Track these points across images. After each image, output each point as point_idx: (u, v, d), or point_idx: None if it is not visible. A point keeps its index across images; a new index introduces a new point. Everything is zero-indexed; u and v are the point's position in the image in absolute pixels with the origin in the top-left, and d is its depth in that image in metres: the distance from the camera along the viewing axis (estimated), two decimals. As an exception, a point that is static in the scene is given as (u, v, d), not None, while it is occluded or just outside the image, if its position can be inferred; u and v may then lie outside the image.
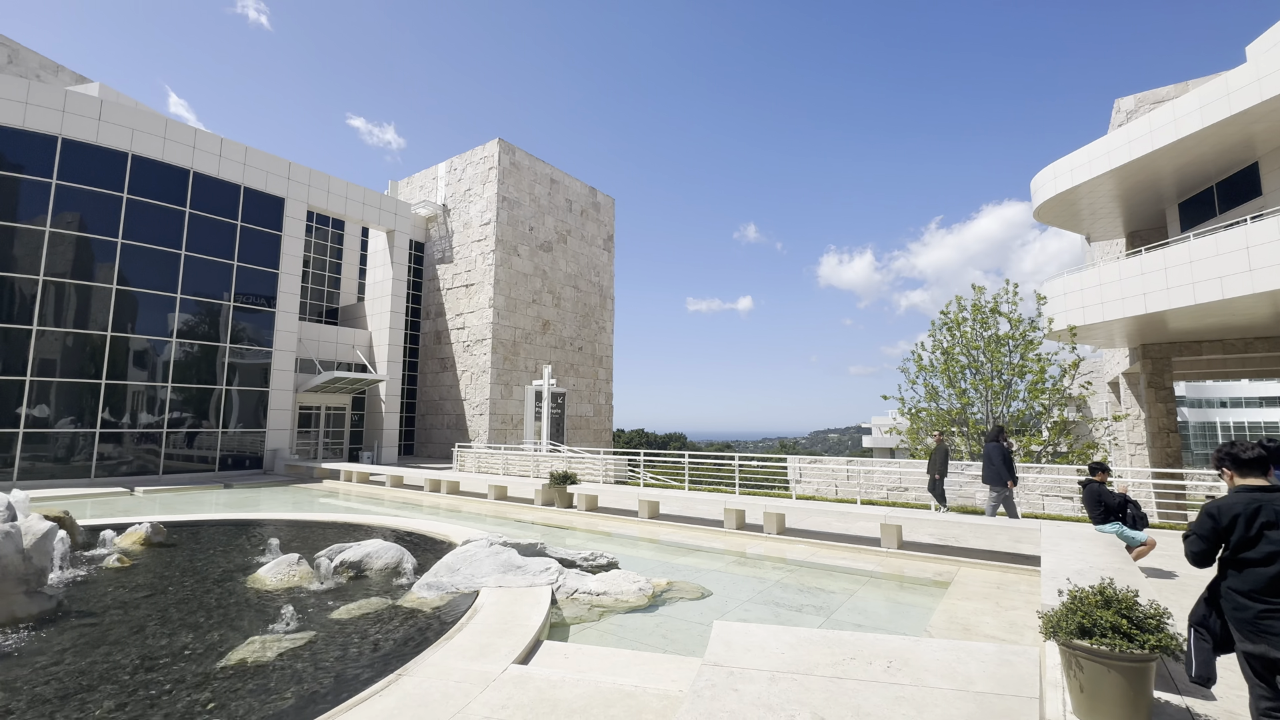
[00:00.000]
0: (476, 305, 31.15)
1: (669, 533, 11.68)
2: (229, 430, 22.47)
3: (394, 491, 17.93)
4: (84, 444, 19.29)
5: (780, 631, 4.22)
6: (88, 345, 19.44)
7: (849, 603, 7.19)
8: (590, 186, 37.92)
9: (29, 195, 18.68)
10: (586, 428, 36.08)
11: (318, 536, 10.11)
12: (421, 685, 4.23)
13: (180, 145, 21.43)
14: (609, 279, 38.84)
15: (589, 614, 6.49)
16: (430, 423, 32.62)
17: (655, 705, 3.99)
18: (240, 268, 22.80)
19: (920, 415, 19.75)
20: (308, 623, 5.70)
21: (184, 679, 4.51)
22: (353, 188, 27.32)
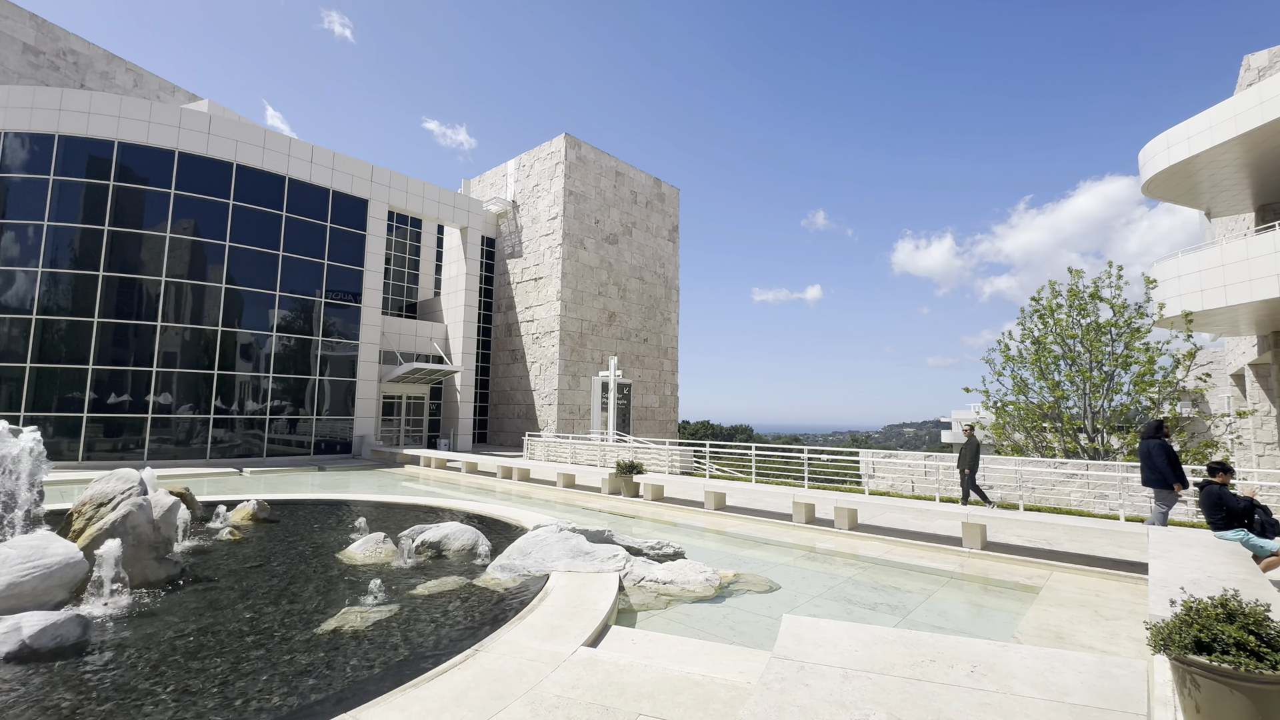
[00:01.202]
0: (545, 298, 31.91)
1: (735, 525, 11.57)
2: (321, 417, 24.23)
3: (469, 477, 18.76)
4: (200, 428, 21.39)
5: (854, 628, 4.08)
6: (202, 339, 21.49)
7: (926, 603, 6.87)
8: (654, 178, 37.86)
9: (153, 205, 20.81)
10: (652, 419, 36.27)
11: (400, 517, 10.74)
12: (496, 661, 4.41)
13: (277, 154, 23.16)
14: (674, 270, 38.73)
15: (655, 602, 6.55)
16: (502, 412, 33.82)
17: (723, 695, 3.98)
18: (330, 266, 24.45)
19: (1007, 409, 18.50)
20: (393, 597, 6.07)
21: (288, 642, 4.92)
22: (429, 187, 28.60)
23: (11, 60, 26.68)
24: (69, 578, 5.34)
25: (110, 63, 30.35)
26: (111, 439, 20.03)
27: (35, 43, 27.61)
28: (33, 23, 27.54)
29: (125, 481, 7.02)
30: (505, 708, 3.74)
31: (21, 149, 20.08)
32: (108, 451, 19.84)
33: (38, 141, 20.09)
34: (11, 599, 4.96)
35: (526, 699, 3.85)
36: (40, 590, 5.12)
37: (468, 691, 3.93)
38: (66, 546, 5.44)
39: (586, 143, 33.31)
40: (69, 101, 20.37)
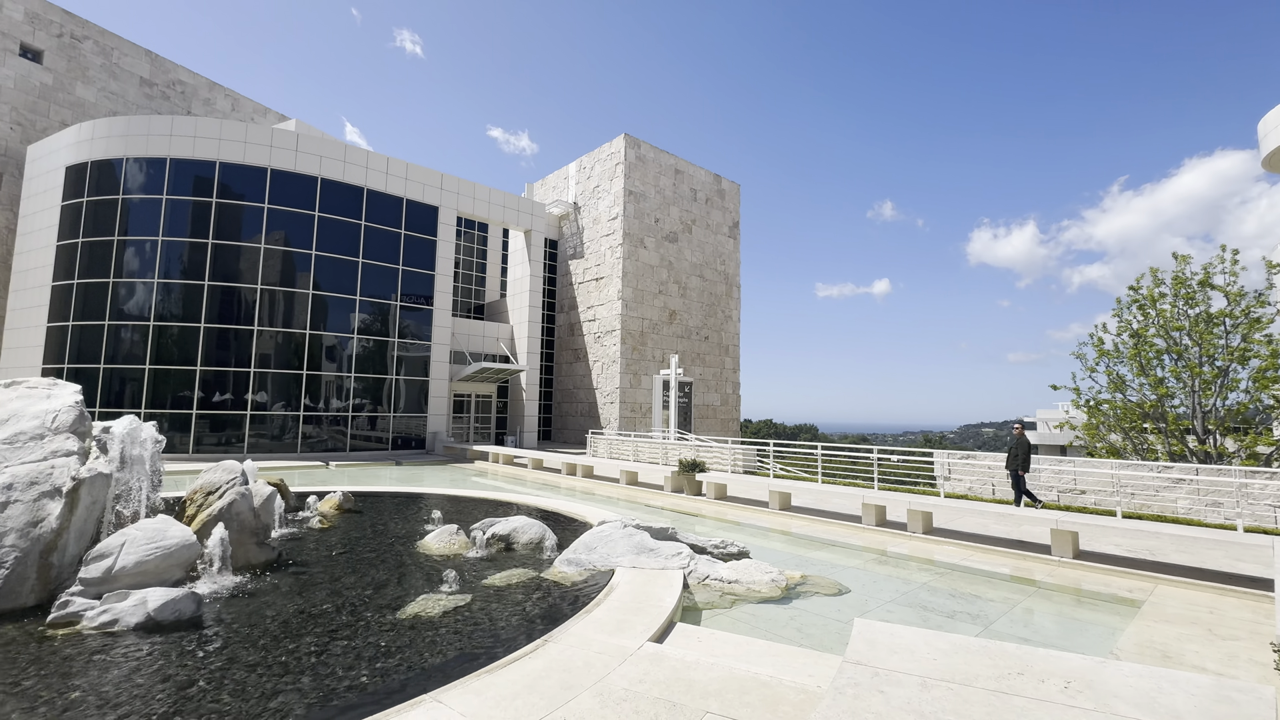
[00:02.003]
0: (606, 298, 32.30)
1: (801, 525, 11.31)
2: (398, 415, 25.57)
3: (534, 473, 19.27)
4: (291, 425, 23.06)
5: (932, 636, 3.90)
6: (292, 342, 23.15)
7: (1011, 614, 6.47)
8: (714, 174, 37.51)
9: (249, 218, 22.62)
10: (713, 417, 35.99)
11: (471, 510, 11.18)
12: (565, 653, 4.51)
13: (356, 166, 24.61)
14: (734, 267, 38.24)
15: (720, 600, 6.50)
16: (565, 410, 34.52)
17: (792, 697, 3.90)
18: (404, 271, 25.74)
19: (1101, 409, 17.11)
20: (466, 587, 6.33)
21: (371, 624, 5.24)
22: (494, 193, 29.56)
23: (131, 93, 29.68)
24: (185, 558, 5.90)
25: (212, 90, 33.20)
26: (216, 434, 21.94)
27: (150, 75, 30.59)
28: (147, 58, 30.53)
29: (230, 472, 7.67)
30: (575, 698, 3.82)
31: (140, 173, 22.30)
32: (213, 445, 21.74)
33: (153, 165, 22.26)
34: (138, 575, 5.54)
35: (595, 690, 3.92)
36: (161, 569, 5.69)
37: (539, 680, 4.05)
38: (182, 530, 6.02)
39: (646, 142, 33.43)
40: (178, 127, 22.44)
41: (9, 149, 25.54)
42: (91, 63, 28.35)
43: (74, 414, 6.41)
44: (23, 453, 5.90)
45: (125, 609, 5.01)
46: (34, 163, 24.48)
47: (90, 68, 28.29)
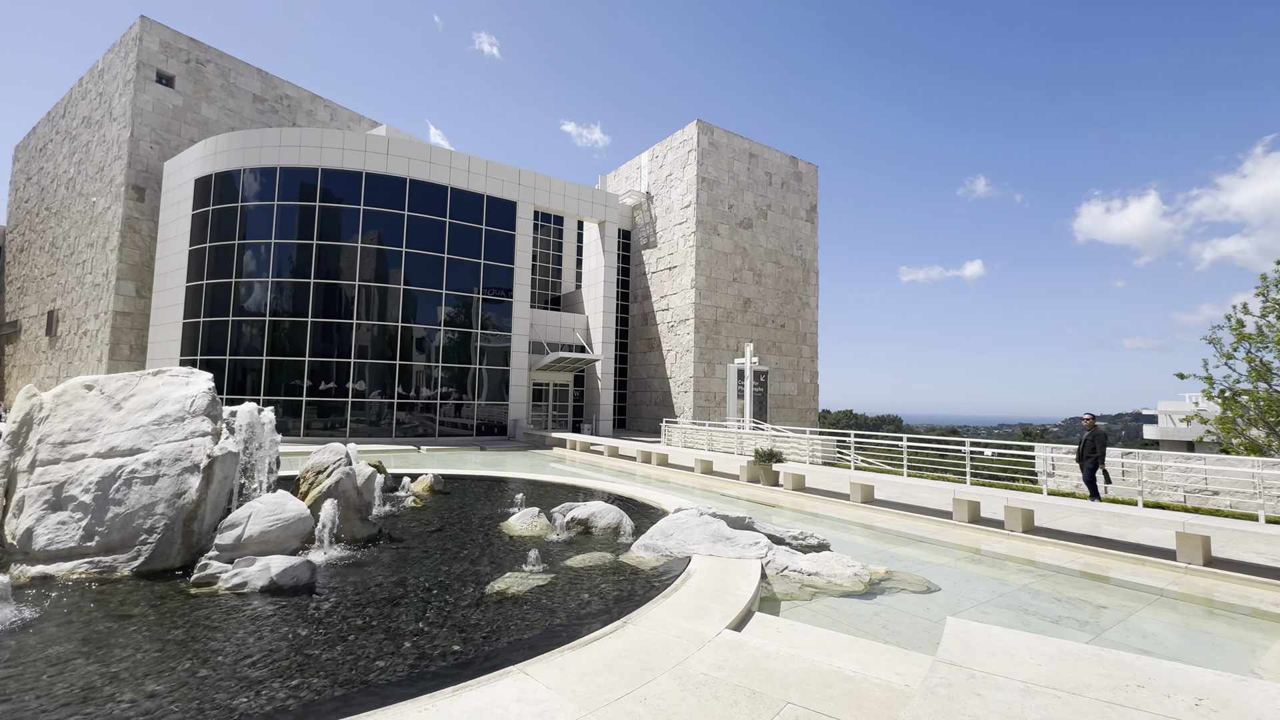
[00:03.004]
0: (679, 286, 32.20)
1: (885, 520, 10.85)
2: (481, 403, 26.82)
3: (610, 460, 19.64)
4: (386, 411, 24.76)
5: (1035, 640, 3.64)
6: (386, 334, 24.79)
7: (1126, 622, 5.92)
8: (790, 156, 36.31)
9: (347, 220, 24.35)
10: (790, 406, 35.14)
11: (551, 494, 11.57)
12: (644, 635, 4.59)
13: (440, 167, 25.85)
14: (812, 252, 36.96)
15: (800, 592, 6.37)
16: (639, 399, 34.87)
17: (878, 694, 3.77)
18: (485, 265, 26.85)
19: (1239, 399, 15.19)
20: (549, 567, 6.57)
21: (463, 597, 5.56)
22: (569, 186, 30.13)
23: (246, 109, 32.65)
24: (300, 530, 6.51)
25: (313, 102, 35.89)
26: (323, 419, 23.94)
27: (261, 92, 33.49)
28: (259, 76, 33.43)
29: (335, 454, 8.36)
30: (654, 679, 3.88)
31: (254, 181, 24.55)
32: (320, 429, 23.74)
33: (265, 174, 24.42)
34: (262, 544, 6.17)
35: (674, 673, 3.96)
36: (281, 539, 6.30)
37: (618, 660, 4.14)
38: (298, 504, 6.63)
39: (718, 127, 32.85)
40: (285, 139, 24.46)
41: (149, 166, 28.85)
42: (213, 84, 31.40)
43: (208, 399, 7.21)
44: (168, 432, 6.71)
45: (253, 573, 5.60)
46: (169, 177, 27.54)
47: (212, 88, 31.35)
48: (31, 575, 5.78)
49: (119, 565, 5.99)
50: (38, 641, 4.40)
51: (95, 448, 6.54)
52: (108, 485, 6.24)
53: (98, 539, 6.05)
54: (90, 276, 30.24)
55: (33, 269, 37.97)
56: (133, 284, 28.33)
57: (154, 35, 29.29)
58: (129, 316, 28.20)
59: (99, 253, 29.72)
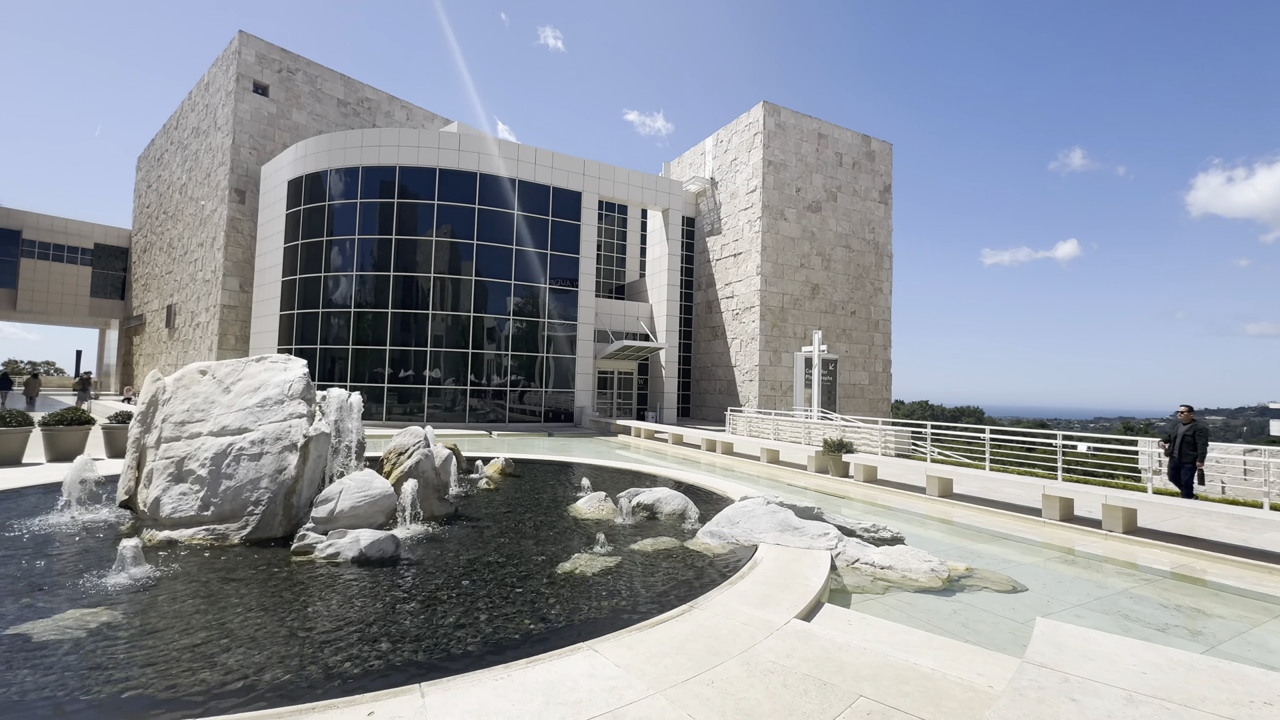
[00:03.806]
0: (744, 273, 31.65)
1: (965, 515, 10.31)
2: (548, 390, 27.53)
3: (674, 448, 19.68)
4: (460, 398, 25.89)
5: (1139, 646, 3.36)
6: (459, 324, 25.86)
7: (1247, 635, 5.35)
8: (862, 135, 34.72)
9: (423, 215, 25.50)
10: (860, 396, 33.91)
11: (616, 480, 11.74)
12: (710, 620, 4.59)
13: (508, 160, 26.53)
14: (885, 235, 35.30)
15: (871, 586, 6.17)
16: (704, 388, 34.68)
17: (958, 694, 3.60)
18: (552, 255, 27.40)
19: (1394, 391, 13.26)
20: (615, 550, 6.69)
21: (534, 575, 5.76)
22: (633, 174, 30.17)
23: (331, 113, 34.71)
24: (386, 506, 6.94)
25: (390, 103, 37.66)
26: (402, 404, 25.34)
27: (344, 96, 35.49)
28: (342, 81, 35.41)
29: (415, 437, 8.83)
30: (721, 664, 3.88)
31: (339, 181, 26.12)
32: (400, 414, 25.16)
33: (349, 174, 25.93)
34: (352, 518, 6.63)
35: (741, 660, 3.95)
36: (369, 514, 6.75)
37: (685, 643, 4.17)
38: (383, 483, 7.08)
39: (785, 108, 31.85)
40: (366, 139, 25.84)
41: (249, 170, 31.29)
42: (302, 90, 33.56)
43: (303, 384, 7.79)
44: (270, 414, 7.31)
45: (344, 544, 6.04)
46: (265, 179, 29.77)
47: (301, 95, 33.52)
48: (159, 539, 6.48)
49: (230, 533, 6.61)
50: (167, 596, 4.95)
51: (209, 427, 7.22)
52: (220, 461, 6.89)
53: (213, 509, 6.70)
54: (201, 273, 33.27)
55: (154, 268, 42.21)
56: (236, 280, 30.93)
57: (251, 48, 31.59)
58: (234, 310, 30.85)
59: (208, 251, 32.62)
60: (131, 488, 7.37)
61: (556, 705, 3.30)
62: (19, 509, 7.81)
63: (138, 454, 7.46)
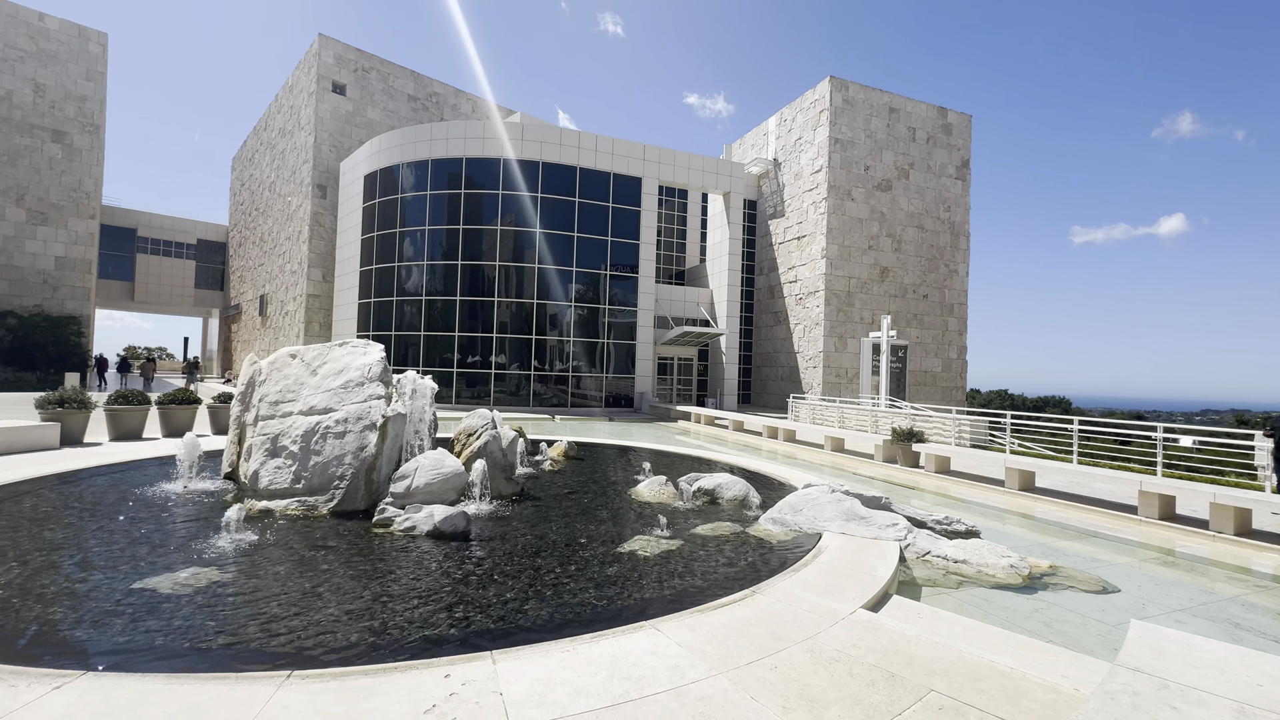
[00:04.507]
0: (808, 257, 30.73)
1: (1048, 510, 9.69)
2: (608, 376, 27.88)
3: (735, 435, 19.51)
4: (524, 383, 26.65)
5: (1254, 656, 3.06)
6: (523, 311, 26.54)
7: (1389, 652, 4.76)
8: (938, 107, 32.73)
9: (488, 205, 26.23)
10: (933, 384, 32.37)
11: (676, 465, 11.78)
12: (773, 605, 4.55)
13: (569, 148, 26.80)
14: (963, 213, 33.28)
15: (944, 580, 5.92)
16: (765, 374, 34.10)
17: (1039, 695, 3.42)
18: (612, 242, 27.58)
19: None
20: (676, 533, 6.73)
21: (597, 554, 5.89)
22: (693, 158, 29.79)
23: (402, 109, 36.14)
24: (457, 484, 7.28)
25: (457, 96, 38.78)
26: (470, 388, 26.37)
27: (414, 92, 36.84)
28: (412, 77, 36.75)
29: (483, 419, 9.18)
30: (785, 649, 3.84)
31: (410, 174, 27.23)
32: (468, 398, 26.20)
33: (419, 167, 26.98)
34: (426, 494, 6.99)
35: (805, 646, 3.89)
36: (441, 491, 7.10)
37: (748, 627, 4.16)
38: (455, 461, 7.42)
39: (854, 82, 30.44)
40: (435, 133, 26.76)
41: (329, 167, 33.13)
42: (376, 88, 35.09)
43: (381, 367, 8.24)
44: (352, 395, 7.79)
45: (420, 519, 6.38)
46: (344, 175, 31.44)
47: (375, 92, 35.06)
48: (258, 509, 7.08)
49: (319, 505, 7.12)
50: (265, 560, 5.40)
51: (299, 406, 7.78)
52: (309, 438, 7.42)
53: (303, 482, 7.23)
54: (288, 265, 35.69)
55: (248, 260, 45.64)
56: (319, 270, 32.98)
57: (329, 50, 33.29)
58: (318, 298, 32.94)
59: (294, 245, 34.92)
60: (234, 461, 8.07)
61: (620, 680, 3.38)
62: (141, 478, 8.72)
63: (238, 431, 8.15)
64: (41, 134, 31.96)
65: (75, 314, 32.72)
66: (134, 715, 2.87)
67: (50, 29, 32.32)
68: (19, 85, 31.30)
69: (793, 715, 3.12)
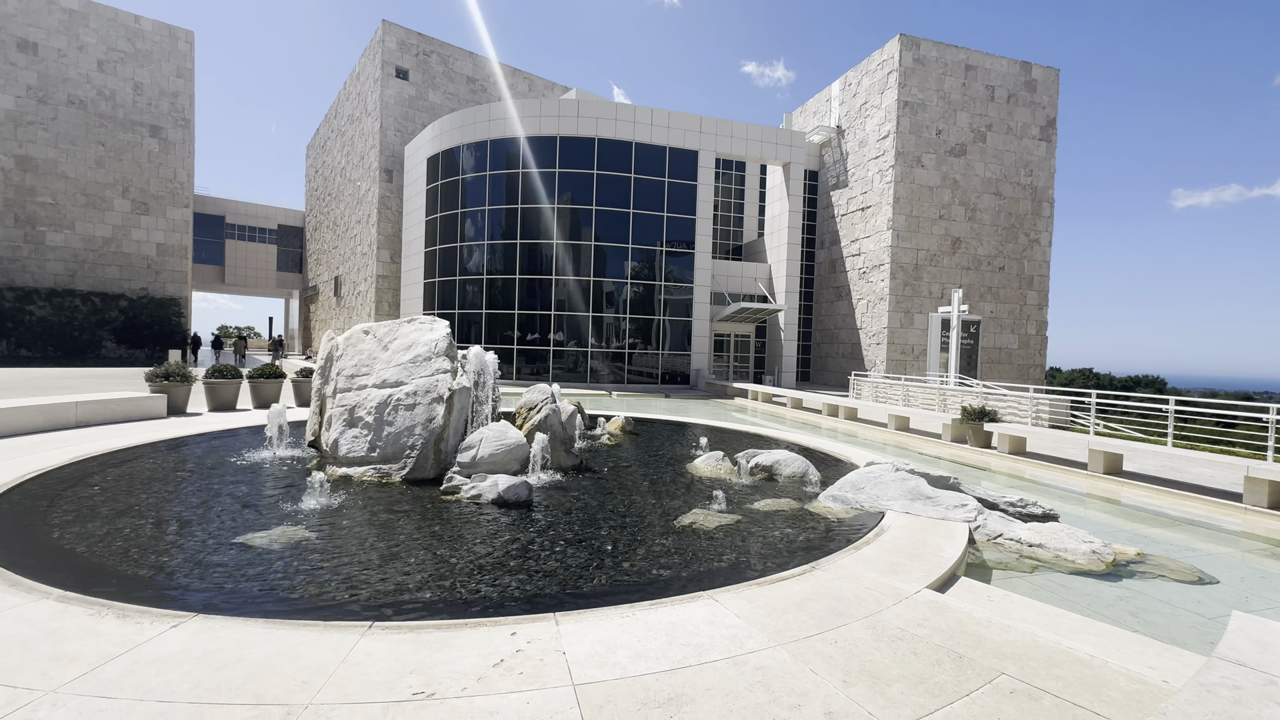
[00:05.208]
0: (873, 228, 29.42)
1: (1136, 495, 9.04)
2: (664, 352, 27.90)
3: (793, 412, 19.17)
4: (581, 359, 27.07)
5: (1379, 656, 2.77)
6: (580, 289, 26.83)
7: None
8: (1021, 63, 30.24)
9: (545, 183, 26.48)
10: (1007, 362, 30.59)
11: (733, 441, 11.71)
12: (833, 582, 4.49)
13: (625, 123, 26.57)
14: (1046, 177, 30.87)
15: (1017, 564, 5.66)
16: (825, 351, 33.20)
17: (1123, 684, 3.23)
18: (668, 218, 27.32)
19: None
20: (734, 508, 6.73)
21: (654, 526, 5.97)
22: (751, 128, 28.92)
23: (461, 91, 36.80)
24: (519, 455, 7.53)
25: (514, 75, 39.09)
26: (529, 365, 27.06)
27: (472, 74, 37.39)
28: (470, 59, 37.27)
29: (543, 394, 9.41)
30: (845, 625, 3.79)
31: (470, 156, 27.80)
32: (527, 374, 26.91)
33: (478, 148, 27.50)
34: (490, 464, 7.28)
35: (867, 623, 3.83)
36: (504, 461, 7.37)
37: (807, 602, 4.12)
38: (517, 433, 7.67)
39: (926, 40, 28.55)
40: (493, 113, 27.13)
41: (395, 151, 34.29)
42: (437, 71, 35.85)
43: (447, 342, 8.57)
44: (420, 369, 8.15)
45: (485, 487, 6.66)
46: (408, 158, 32.48)
47: (436, 76, 35.82)
48: (338, 475, 7.58)
49: (392, 472, 7.55)
50: (347, 522, 5.80)
51: (372, 380, 8.22)
52: (382, 410, 7.84)
53: (378, 451, 7.68)
54: (359, 247, 37.45)
55: (323, 244, 48.19)
56: (388, 252, 34.43)
57: (393, 36, 34.18)
58: (386, 279, 34.47)
59: (364, 228, 36.55)
60: (316, 430, 8.65)
61: (679, 646, 3.44)
62: (236, 445, 9.50)
63: (319, 402, 8.71)
64: (141, 130, 34.61)
65: (175, 296, 35.66)
66: (239, 653, 3.17)
67: (145, 30, 34.72)
68: (121, 85, 33.93)
69: (854, 689, 3.09)
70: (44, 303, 31.80)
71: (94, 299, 33.05)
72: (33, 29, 31.21)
